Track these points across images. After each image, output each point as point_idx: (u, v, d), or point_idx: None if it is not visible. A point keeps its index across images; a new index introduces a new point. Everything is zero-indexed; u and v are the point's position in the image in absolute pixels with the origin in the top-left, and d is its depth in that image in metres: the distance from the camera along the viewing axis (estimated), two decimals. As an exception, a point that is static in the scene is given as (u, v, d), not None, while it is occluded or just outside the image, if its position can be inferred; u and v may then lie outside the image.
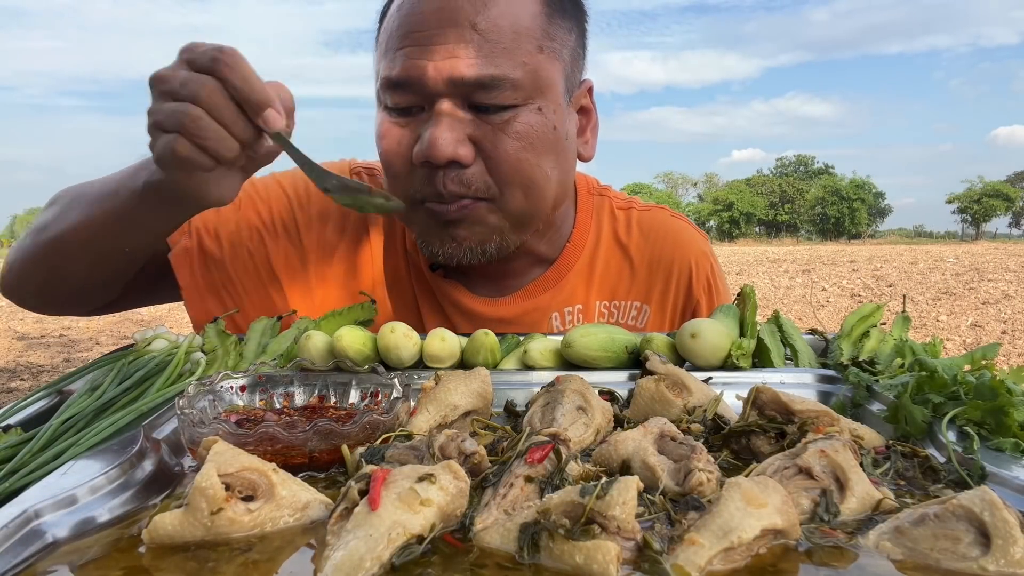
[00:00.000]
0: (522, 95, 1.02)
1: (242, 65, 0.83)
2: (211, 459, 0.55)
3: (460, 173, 1.02)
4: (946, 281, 13.14)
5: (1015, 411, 0.67)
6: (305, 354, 0.93)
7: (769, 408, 0.73)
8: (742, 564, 0.48)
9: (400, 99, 1.04)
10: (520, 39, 1.02)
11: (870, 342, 0.95)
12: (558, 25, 1.07)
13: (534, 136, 1.04)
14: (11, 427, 0.78)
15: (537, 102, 1.04)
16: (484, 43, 0.99)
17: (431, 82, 1.00)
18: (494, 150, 1.02)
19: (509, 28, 1.01)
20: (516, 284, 1.25)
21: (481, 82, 0.99)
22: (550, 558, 0.49)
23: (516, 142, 1.02)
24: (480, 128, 1.02)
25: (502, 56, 1.00)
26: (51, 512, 0.55)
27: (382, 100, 1.07)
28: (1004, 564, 0.46)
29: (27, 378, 6.24)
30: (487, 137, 1.02)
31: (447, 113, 1.01)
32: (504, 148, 1.02)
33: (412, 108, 1.04)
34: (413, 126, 1.04)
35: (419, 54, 1.00)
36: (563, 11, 1.09)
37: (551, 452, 0.59)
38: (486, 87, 1.00)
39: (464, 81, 0.99)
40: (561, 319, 1.26)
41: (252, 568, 0.49)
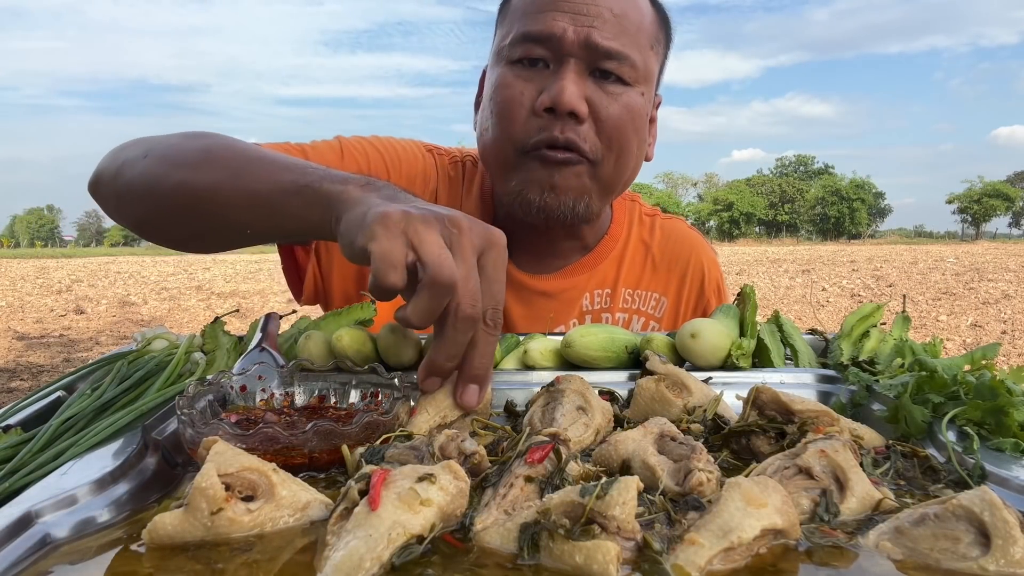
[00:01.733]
0: (634, 76, 1.18)
1: (491, 346, 0.76)
2: (211, 459, 0.55)
3: (575, 126, 1.14)
4: (946, 281, 13.14)
5: (1015, 411, 0.67)
6: (305, 354, 0.93)
7: (769, 408, 0.73)
8: (742, 564, 0.48)
9: (533, 51, 1.16)
10: (641, 32, 1.19)
11: (870, 342, 0.95)
12: (662, 35, 1.26)
13: (635, 113, 1.19)
14: (11, 427, 0.78)
15: (641, 87, 1.20)
16: (617, 24, 1.15)
17: (569, 41, 1.13)
18: (605, 114, 1.15)
19: (635, 20, 1.18)
20: (558, 264, 1.38)
21: (610, 52, 1.14)
22: (550, 558, 0.49)
23: (623, 112, 1.17)
24: (596, 93, 1.15)
25: (628, 38, 1.16)
26: (51, 512, 0.55)
27: (505, 57, 1.19)
28: (1004, 564, 0.46)
29: (27, 378, 6.24)
30: (601, 101, 1.15)
31: (574, 71, 1.14)
32: (613, 114, 1.16)
33: (539, 62, 1.16)
34: (536, 80, 1.16)
35: (562, 17, 1.14)
36: (666, 26, 1.28)
37: (551, 452, 0.59)
38: (613, 58, 1.15)
39: (598, 48, 1.13)
40: (591, 299, 1.40)
41: (252, 568, 0.49)
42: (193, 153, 1.02)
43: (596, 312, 1.40)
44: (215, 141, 1.05)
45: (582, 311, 1.39)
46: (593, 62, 1.14)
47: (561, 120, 1.13)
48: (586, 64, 1.14)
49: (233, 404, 0.78)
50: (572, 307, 1.38)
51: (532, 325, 1.34)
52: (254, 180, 0.93)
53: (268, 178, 0.92)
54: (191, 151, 1.03)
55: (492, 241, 0.75)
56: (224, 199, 0.96)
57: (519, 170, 1.19)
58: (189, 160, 1.01)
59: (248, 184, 0.93)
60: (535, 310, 1.35)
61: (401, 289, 0.70)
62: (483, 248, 0.74)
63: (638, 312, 1.42)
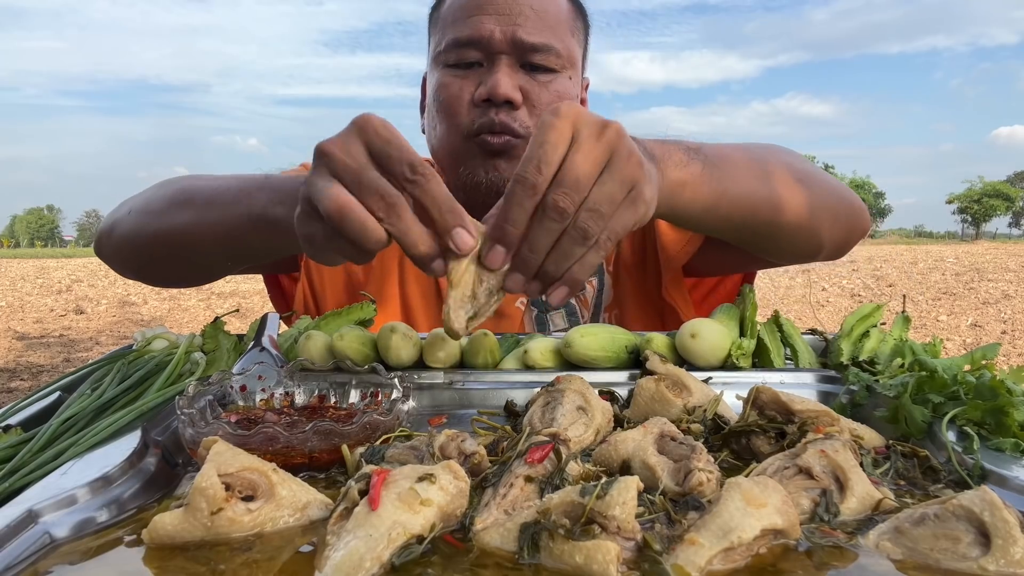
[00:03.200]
0: (561, 63, 1.27)
1: (437, 187, 0.71)
2: (211, 459, 0.55)
3: (511, 112, 1.23)
4: (946, 281, 13.14)
5: (1015, 411, 0.67)
6: (305, 354, 0.93)
7: (769, 408, 0.73)
8: (742, 564, 0.48)
9: (466, 54, 1.26)
10: (560, 23, 1.29)
11: (870, 342, 0.95)
12: (579, 23, 1.36)
13: (566, 96, 1.29)
14: (11, 427, 0.78)
15: (568, 72, 1.30)
16: (538, 19, 1.26)
17: (497, 42, 1.23)
18: (537, 99, 1.26)
19: (554, 13, 1.28)
20: None
21: (536, 46, 1.24)
22: (550, 558, 0.49)
23: (553, 97, 1.27)
24: (528, 83, 1.26)
25: (550, 31, 1.26)
26: (51, 512, 0.55)
27: (442, 62, 1.29)
28: (1004, 564, 0.46)
29: (27, 378, 6.24)
30: (533, 90, 1.26)
31: (506, 65, 1.24)
32: (545, 99, 1.26)
33: (473, 64, 1.26)
34: (472, 78, 1.26)
35: (489, 20, 1.24)
36: (583, 14, 1.38)
37: (551, 452, 0.59)
38: (539, 50, 1.24)
39: (525, 43, 1.23)
40: None
41: (252, 568, 0.49)
42: (162, 203, 1.10)
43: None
44: (180, 185, 1.12)
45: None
46: (522, 56, 1.25)
47: (498, 108, 1.23)
48: (516, 59, 1.25)
49: (233, 404, 0.79)
50: None
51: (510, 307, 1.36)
52: (215, 219, 1.00)
53: (225, 215, 0.98)
54: (160, 200, 1.11)
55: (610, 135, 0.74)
56: (196, 240, 1.04)
57: (465, 158, 1.28)
58: (159, 209, 1.10)
59: (212, 224, 1.01)
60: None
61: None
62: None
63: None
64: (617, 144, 0.72)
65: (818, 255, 1.20)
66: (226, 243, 1.01)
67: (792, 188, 1.06)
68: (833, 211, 1.14)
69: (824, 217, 1.11)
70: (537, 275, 0.73)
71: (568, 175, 0.70)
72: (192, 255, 1.09)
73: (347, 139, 0.72)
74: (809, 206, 1.08)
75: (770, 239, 1.10)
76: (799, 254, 1.18)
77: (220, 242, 1.01)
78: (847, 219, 1.18)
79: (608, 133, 0.72)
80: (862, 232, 1.24)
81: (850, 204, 1.19)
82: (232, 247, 1.02)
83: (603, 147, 0.72)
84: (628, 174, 0.73)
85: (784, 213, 1.04)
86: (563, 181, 0.70)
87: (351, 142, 0.72)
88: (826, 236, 1.14)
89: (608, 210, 0.72)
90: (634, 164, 0.73)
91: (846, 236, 1.20)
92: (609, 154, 0.72)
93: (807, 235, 1.11)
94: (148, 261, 1.17)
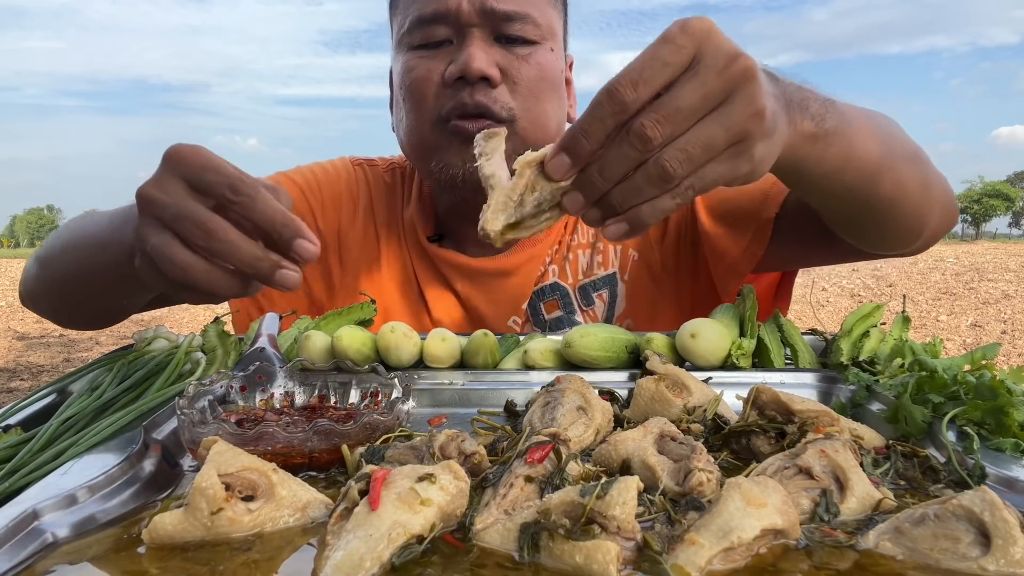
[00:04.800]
0: (540, 33, 1.15)
1: (263, 203, 0.68)
2: (211, 459, 0.55)
3: (488, 91, 1.11)
4: (946, 281, 13.14)
5: (1015, 411, 0.67)
6: (305, 354, 0.93)
7: (769, 408, 0.73)
8: (742, 564, 0.48)
9: (432, 32, 1.13)
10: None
11: (870, 342, 0.95)
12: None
13: (548, 71, 1.16)
14: (11, 427, 0.78)
15: (549, 43, 1.17)
16: None
17: (465, 13, 1.10)
18: (518, 75, 1.13)
19: None
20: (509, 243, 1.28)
21: (509, 14, 1.11)
22: (550, 558, 0.49)
23: (536, 71, 1.14)
24: (506, 57, 1.13)
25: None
26: (51, 512, 0.55)
27: (406, 44, 1.17)
28: (1004, 564, 0.46)
29: (27, 378, 6.24)
30: (512, 64, 1.13)
31: (479, 39, 1.11)
32: (526, 75, 1.14)
33: (442, 43, 1.14)
34: (441, 57, 1.13)
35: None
36: None
37: (551, 452, 0.59)
38: (513, 19, 1.12)
39: (496, 13, 1.11)
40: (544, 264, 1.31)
41: (252, 568, 0.49)
42: (52, 252, 1.08)
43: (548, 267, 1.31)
44: (66, 234, 1.08)
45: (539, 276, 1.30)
46: (495, 28, 1.12)
47: (472, 87, 1.10)
48: (489, 31, 1.12)
49: (233, 404, 0.78)
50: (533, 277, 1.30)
51: (499, 310, 1.29)
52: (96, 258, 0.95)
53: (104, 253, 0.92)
54: (53, 250, 1.09)
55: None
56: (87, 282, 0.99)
57: (438, 149, 1.16)
58: (50, 257, 1.09)
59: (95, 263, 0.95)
60: (497, 293, 1.29)
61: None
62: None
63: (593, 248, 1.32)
64: (740, 83, 0.62)
65: (916, 243, 1.06)
66: (112, 280, 0.93)
67: (913, 166, 0.95)
68: (943, 197, 1.03)
69: (936, 202, 1.01)
70: (599, 202, 0.64)
71: (668, 102, 0.60)
72: (85, 298, 1.04)
73: (162, 178, 0.69)
74: (927, 188, 0.97)
75: (883, 219, 0.96)
76: (897, 241, 1.04)
77: (105, 280, 0.95)
78: (949, 209, 1.07)
79: (734, 68, 0.61)
80: (953, 224, 1.12)
81: (951, 195, 1.08)
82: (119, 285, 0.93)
83: (722, 82, 0.61)
84: (741, 123, 0.62)
85: (906, 190, 0.93)
86: (660, 107, 0.60)
87: (166, 180, 0.69)
88: (931, 224, 1.03)
89: (702, 156, 0.62)
90: (753, 114, 0.63)
91: (942, 227, 1.08)
92: (727, 93, 0.62)
93: (918, 220, 0.99)
94: (55, 305, 1.15)
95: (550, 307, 1.31)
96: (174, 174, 0.69)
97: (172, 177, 0.69)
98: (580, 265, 1.32)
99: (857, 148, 0.83)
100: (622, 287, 1.31)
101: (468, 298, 1.30)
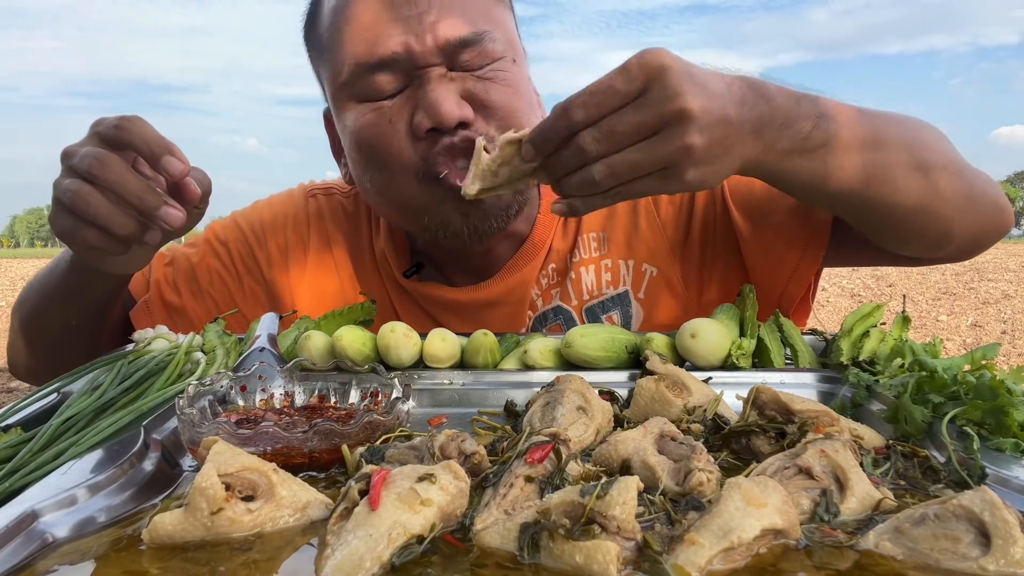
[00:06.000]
0: (499, 47, 1.03)
1: (142, 126, 0.81)
2: (211, 459, 0.55)
3: (466, 135, 1.00)
4: (946, 281, 13.14)
5: (1015, 411, 0.67)
6: (305, 354, 0.93)
7: (769, 408, 0.73)
8: (742, 564, 0.48)
9: (379, 83, 1.00)
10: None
11: (870, 342, 0.95)
12: None
13: (518, 85, 1.06)
14: (11, 427, 0.78)
15: (511, 54, 1.06)
16: (452, 5, 1.00)
17: (417, 55, 0.98)
18: (489, 101, 1.02)
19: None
20: (497, 266, 1.22)
21: (467, 40, 0.99)
22: (550, 558, 0.49)
23: (506, 89, 1.03)
24: (471, 86, 1.01)
25: (471, 12, 1.01)
26: (51, 512, 0.55)
27: (349, 96, 1.04)
28: (1004, 564, 0.46)
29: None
30: (479, 91, 1.01)
31: (438, 77, 0.99)
32: (498, 97, 1.02)
33: (394, 92, 1.01)
34: (400, 106, 1.01)
35: (395, 28, 0.98)
36: None
37: (551, 452, 0.59)
38: (470, 44, 1.00)
39: (450, 42, 0.98)
40: (540, 287, 1.23)
41: (252, 568, 0.49)
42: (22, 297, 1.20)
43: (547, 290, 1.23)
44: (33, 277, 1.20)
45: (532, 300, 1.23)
46: (452, 60, 1.00)
47: (450, 136, 0.99)
48: (446, 65, 1.00)
49: (233, 404, 0.79)
50: (522, 306, 1.22)
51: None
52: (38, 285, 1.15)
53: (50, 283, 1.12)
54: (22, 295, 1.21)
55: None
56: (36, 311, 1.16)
57: (428, 205, 1.04)
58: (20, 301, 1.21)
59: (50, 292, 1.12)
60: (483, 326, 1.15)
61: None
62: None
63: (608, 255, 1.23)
64: (672, 121, 0.72)
65: (946, 248, 1.04)
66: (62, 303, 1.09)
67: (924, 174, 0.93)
68: (970, 202, 1.00)
69: (958, 208, 0.98)
70: (556, 182, 0.80)
71: (606, 125, 0.73)
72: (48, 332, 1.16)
73: (84, 140, 0.84)
74: (949, 195, 0.96)
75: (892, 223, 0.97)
76: (926, 247, 1.03)
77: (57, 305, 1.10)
78: (985, 214, 1.03)
79: (670, 107, 0.72)
80: (1001, 231, 1.07)
81: (991, 198, 1.04)
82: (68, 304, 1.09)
83: (657, 118, 0.72)
84: (667, 155, 0.74)
85: (913, 197, 0.93)
86: (600, 127, 0.73)
87: (85, 138, 0.84)
88: (962, 230, 1.00)
89: (627, 174, 0.75)
90: (681, 148, 0.73)
91: (980, 232, 1.04)
92: (660, 127, 0.73)
93: (940, 225, 0.98)
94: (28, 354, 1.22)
95: (553, 332, 1.19)
96: (91, 133, 0.84)
97: (90, 136, 0.84)
98: (585, 284, 1.22)
99: (847, 160, 0.87)
100: (636, 306, 1.21)
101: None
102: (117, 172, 0.79)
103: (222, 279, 1.27)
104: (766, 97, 0.80)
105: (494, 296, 1.21)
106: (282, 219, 1.29)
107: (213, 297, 1.26)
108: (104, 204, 0.80)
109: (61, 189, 0.81)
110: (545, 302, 1.23)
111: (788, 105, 0.82)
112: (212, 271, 1.27)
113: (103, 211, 0.80)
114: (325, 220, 1.29)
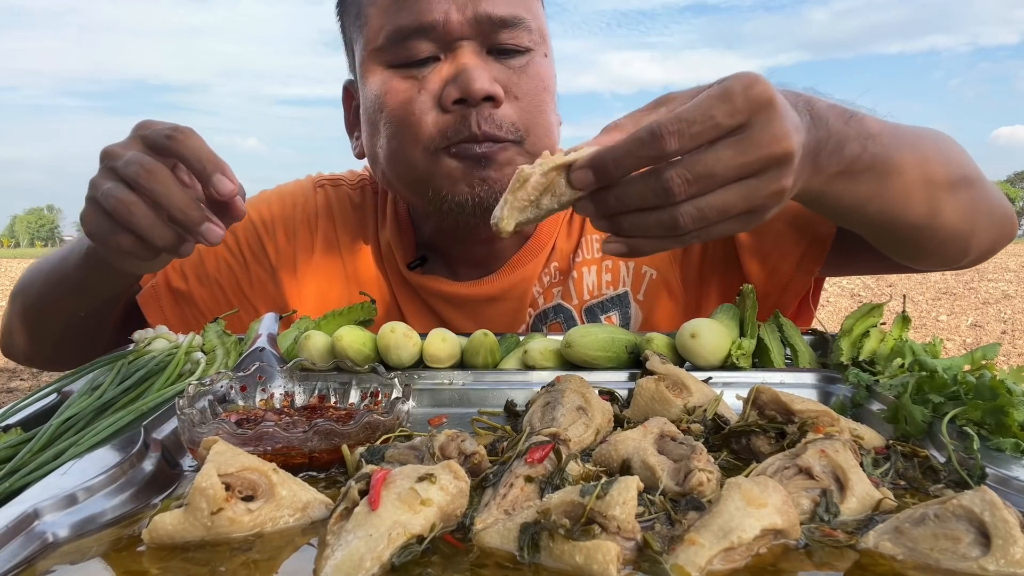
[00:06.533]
0: (534, 39, 1.05)
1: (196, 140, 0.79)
2: (211, 459, 0.55)
3: (492, 113, 1.01)
4: (946, 281, 13.14)
5: (1015, 411, 0.67)
6: (305, 354, 0.93)
7: (769, 408, 0.73)
8: (742, 564, 0.48)
9: (415, 49, 1.01)
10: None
11: (870, 342, 0.95)
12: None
13: (547, 80, 1.07)
14: (11, 427, 0.78)
15: (543, 48, 1.08)
16: None
17: (455, 23, 0.99)
18: (519, 90, 1.03)
19: None
20: (500, 262, 1.23)
21: (506, 20, 1.00)
22: (550, 558, 0.49)
23: (535, 83, 1.05)
24: (503, 72, 1.02)
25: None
26: (51, 512, 0.55)
27: (381, 61, 1.05)
28: (1004, 564, 0.46)
29: (27, 378, 6.23)
30: (511, 79, 1.03)
31: (472, 53, 1.00)
32: (527, 88, 1.04)
33: (426, 60, 1.02)
34: (429, 76, 1.02)
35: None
36: None
37: (551, 452, 0.59)
38: (510, 26, 1.01)
39: (491, 19, 0.99)
40: (541, 285, 1.24)
41: (252, 568, 0.49)
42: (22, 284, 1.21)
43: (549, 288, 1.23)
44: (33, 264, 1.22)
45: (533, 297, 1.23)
46: (488, 39, 1.01)
47: (476, 109, 0.99)
48: (481, 43, 1.01)
49: (233, 404, 0.79)
50: (524, 302, 1.22)
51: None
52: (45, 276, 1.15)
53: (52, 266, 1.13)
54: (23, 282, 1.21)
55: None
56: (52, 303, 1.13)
57: (436, 177, 1.05)
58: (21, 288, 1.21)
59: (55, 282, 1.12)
60: (488, 321, 1.20)
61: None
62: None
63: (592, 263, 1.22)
64: (774, 164, 0.64)
65: (961, 261, 1.05)
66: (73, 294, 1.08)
67: (953, 193, 0.91)
68: (988, 216, 1.00)
69: (985, 224, 0.99)
70: (608, 217, 0.67)
71: (701, 164, 0.62)
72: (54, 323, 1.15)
73: (126, 139, 0.82)
74: (972, 212, 0.95)
75: (915, 242, 0.95)
76: (942, 262, 1.04)
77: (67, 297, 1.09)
78: (999, 226, 1.04)
79: (775, 148, 0.63)
80: (1010, 239, 1.08)
81: (1005, 210, 1.04)
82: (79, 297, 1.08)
83: (760, 160, 0.63)
84: (763, 199, 0.65)
85: (942, 217, 0.91)
86: (694, 165, 0.62)
87: (128, 139, 0.82)
88: (979, 243, 1.01)
89: (716, 218, 0.64)
90: (776, 192, 0.65)
91: (994, 243, 1.05)
92: (760, 170, 0.64)
93: (960, 242, 0.97)
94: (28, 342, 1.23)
95: (553, 330, 1.22)
96: (136, 135, 0.81)
97: (134, 138, 0.81)
98: (586, 284, 1.23)
99: (887, 183, 0.82)
100: (635, 308, 1.22)
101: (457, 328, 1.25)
102: (165, 184, 0.77)
103: (229, 267, 1.28)
104: (822, 119, 0.73)
105: (496, 291, 1.22)
106: (291, 210, 1.31)
107: (220, 284, 1.27)
108: (147, 215, 0.78)
109: (102, 192, 0.78)
110: (546, 300, 1.24)
111: (838, 127, 0.75)
112: (220, 259, 1.28)
113: (146, 222, 0.78)
114: (333, 211, 1.30)
